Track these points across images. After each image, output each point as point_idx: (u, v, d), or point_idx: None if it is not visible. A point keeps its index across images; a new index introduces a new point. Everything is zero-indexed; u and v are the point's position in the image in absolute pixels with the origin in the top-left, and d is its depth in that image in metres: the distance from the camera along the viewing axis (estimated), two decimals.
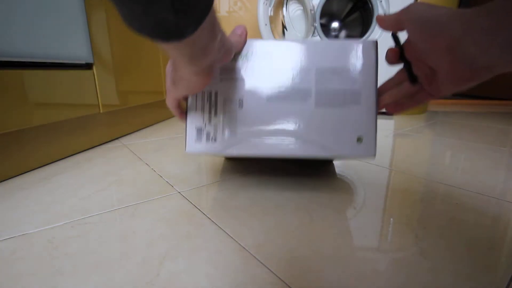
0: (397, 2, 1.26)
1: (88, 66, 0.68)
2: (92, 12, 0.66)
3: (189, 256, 0.31)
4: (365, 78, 0.38)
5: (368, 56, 0.39)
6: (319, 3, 1.30)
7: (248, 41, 0.39)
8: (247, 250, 0.33)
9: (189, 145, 0.40)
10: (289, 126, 0.39)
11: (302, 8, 1.33)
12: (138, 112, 0.96)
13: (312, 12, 1.27)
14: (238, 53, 0.39)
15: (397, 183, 0.53)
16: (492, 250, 0.33)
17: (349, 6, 1.46)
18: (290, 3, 1.35)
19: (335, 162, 0.63)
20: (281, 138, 0.39)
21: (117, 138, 0.85)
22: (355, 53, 0.39)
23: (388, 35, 0.36)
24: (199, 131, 0.40)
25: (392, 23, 0.31)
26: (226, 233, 0.36)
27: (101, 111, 0.71)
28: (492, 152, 0.71)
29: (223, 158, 0.64)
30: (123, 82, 0.80)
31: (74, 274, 0.29)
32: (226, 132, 0.40)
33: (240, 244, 0.34)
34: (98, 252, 0.32)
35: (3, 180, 0.52)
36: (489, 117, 1.33)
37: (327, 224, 0.38)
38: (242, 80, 0.39)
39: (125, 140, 0.82)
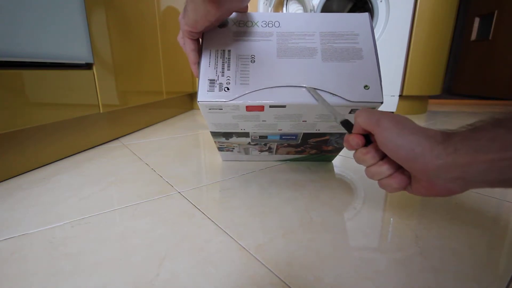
0: (397, 2, 1.26)
1: (88, 66, 0.68)
2: (92, 12, 0.66)
3: (189, 256, 0.31)
4: (363, 38, 0.43)
5: (364, 22, 0.44)
6: (319, 3, 1.30)
7: (259, 13, 0.45)
8: (247, 250, 0.33)
9: (201, 95, 0.41)
10: (299, 77, 0.41)
11: (302, 8, 1.33)
12: (138, 112, 0.96)
13: (312, 12, 1.27)
14: (250, 20, 0.44)
15: None
16: (492, 250, 0.33)
17: (349, 6, 1.46)
18: (290, 3, 1.35)
19: (335, 162, 0.63)
20: (292, 87, 0.41)
21: (117, 138, 0.85)
22: (351, 21, 0.44)
23: (388, 35, 0.36)
24: (212, 82, 0.41)
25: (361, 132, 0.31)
26: (226, 233, 0.36)
27: (101, 111, 0.71)
28: None
29: (223, 159, 0.64)
30: (123, 82, 0.80)
31: (74, 274, 0.29)
32: (239, 83, 0.41)
33: (240, 244, 0.34)
34: (98, 252, 0.32)
35: (3, 180, 0.52)
36: None
37: (327, 224, 0.38)
38: (254, 41, 0.43)
39: (125, 140, 0.82)
